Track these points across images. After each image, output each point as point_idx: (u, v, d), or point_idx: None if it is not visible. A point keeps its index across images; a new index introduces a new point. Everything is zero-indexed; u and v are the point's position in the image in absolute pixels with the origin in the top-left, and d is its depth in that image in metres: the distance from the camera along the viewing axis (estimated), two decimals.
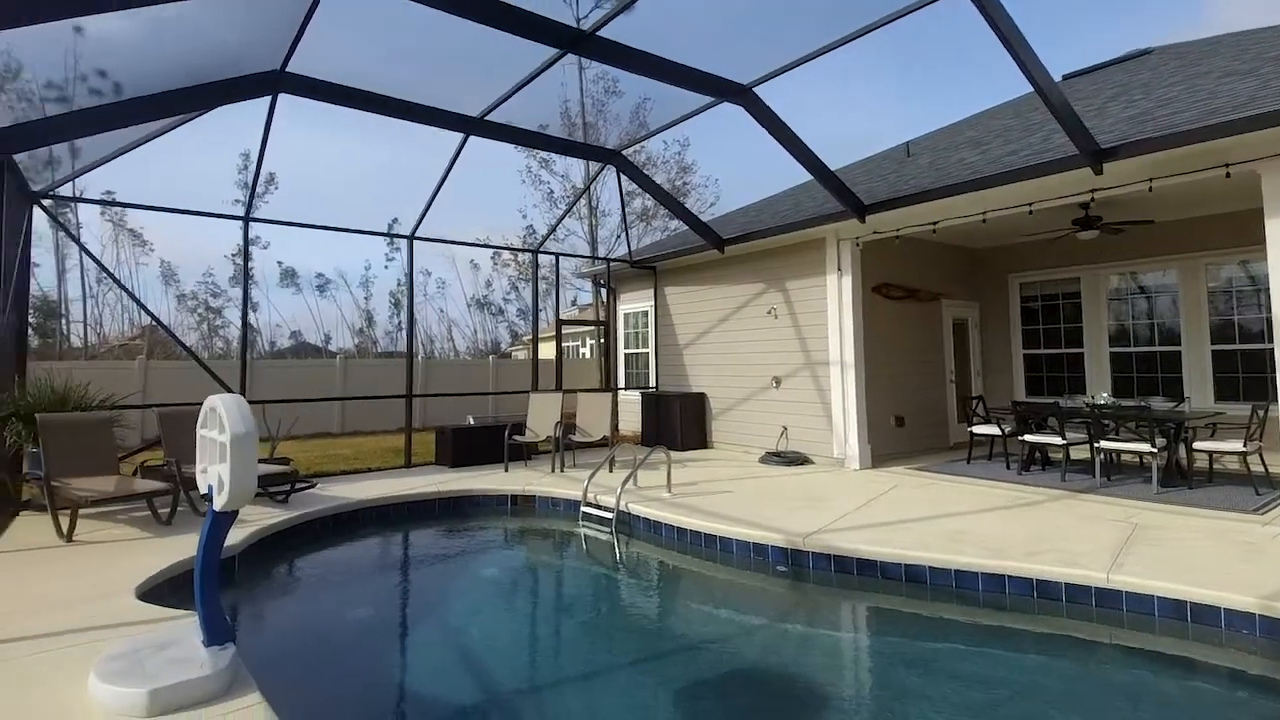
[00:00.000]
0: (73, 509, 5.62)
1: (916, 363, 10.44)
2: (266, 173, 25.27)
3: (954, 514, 6.13)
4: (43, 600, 4.08)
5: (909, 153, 10.67)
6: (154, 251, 29.14)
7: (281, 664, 4.06)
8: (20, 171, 6.20)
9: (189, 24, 5.58)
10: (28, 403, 6.58)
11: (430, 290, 37.33)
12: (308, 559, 6.13)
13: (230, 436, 3.06)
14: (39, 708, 2.79)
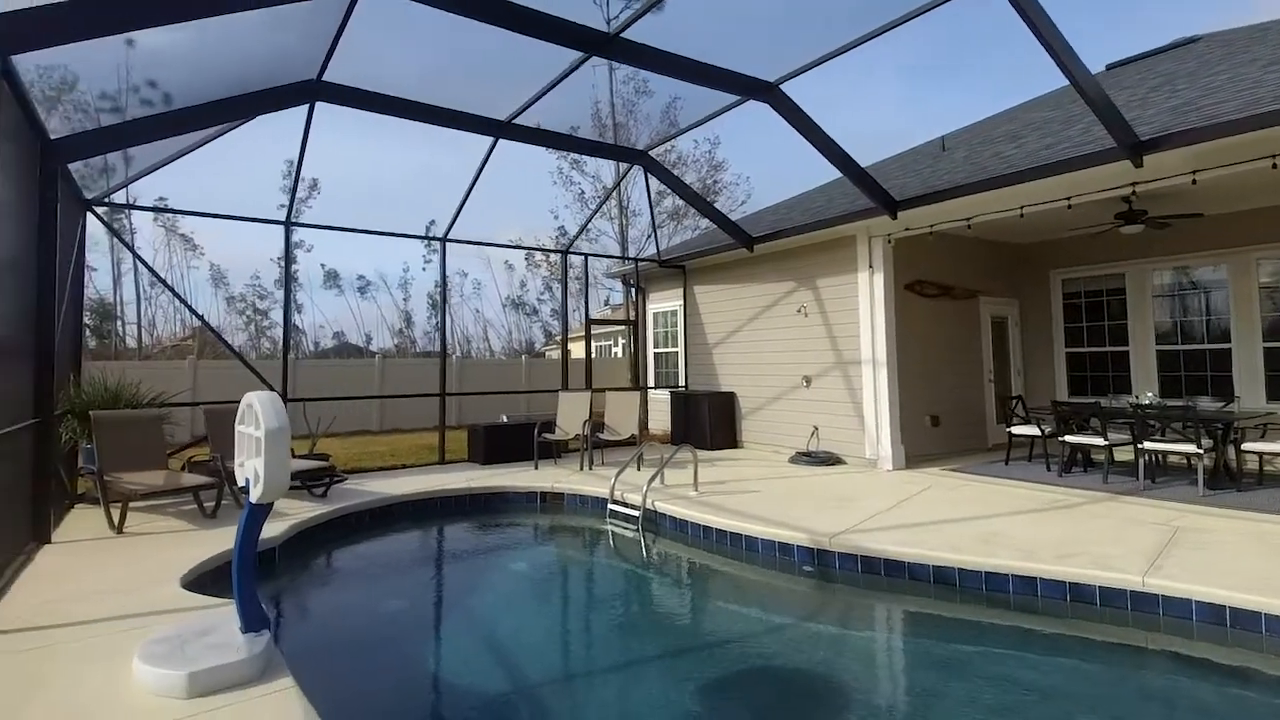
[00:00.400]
0: (123, 502, 5.89)
1: (952, 362, 10.24)
2: (310, 178, 26.07)
3: (987, 516, 6.02)
4: (94, 588, 4.30)
5: (944, 147, 10.47)
6: (204, 255, 30.24)
7: (318, 650, 4.22)
8: (74, 180, 6.50)
9: (232, 36, 5.79)
10: (82, 400, 6.91)
11: (466, 291, 37.93)
12: (344, 551, 6.32)
13: (264, 431, 3.19)
14: (88, 687, 2.95)
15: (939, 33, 35.75)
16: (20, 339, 5.26)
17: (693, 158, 20.71)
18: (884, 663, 4.17)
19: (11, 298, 4.89)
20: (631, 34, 5.80)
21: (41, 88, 7.44)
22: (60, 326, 6.11)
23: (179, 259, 29.40)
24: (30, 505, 5.31)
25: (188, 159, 7.34)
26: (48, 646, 3.36)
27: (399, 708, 3.54)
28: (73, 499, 6.95)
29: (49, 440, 5.58)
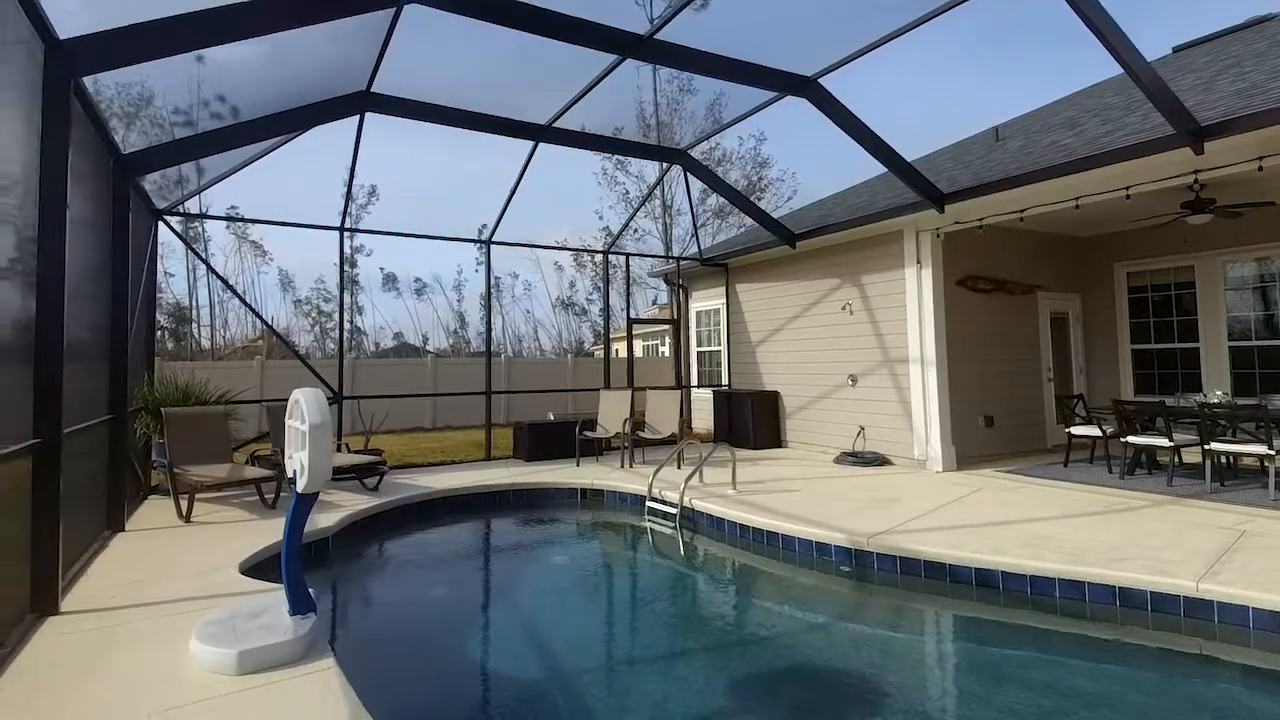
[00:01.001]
0: (190, 493, 6.27)
1: (1008, 360, 9.90)
2: (369, 184, 27.04)
3: (1038, 518, 5.82)
4: (160, 573, 4.60)
5: (998, 136, 10.13)
6: (273, 261, 31.67)
7: (365, 632, 4.43)
8: (145, 192, 6.94)
9: (292, 50, 6.08)
10: (155, 398, 7.37)
11: (517, 292, 38.65)
12: (393, 541, 6.57)
13: (309, 426, 3.37)
14: (148, 663, 3.17)
15: (996, 17, 34.34)
16: (97, 342, 5.67)
17: (737, 155, 20.60)
18: (919, 665, 4.09)
19: (90, 304, 5.28)
20: (666, 34, 5.83)
21: (121, 104, 7.98)
22: (134, 329, 6.54)
23: (249, 264, 30.93)
24: (106, 495, 5.71)
25: (258, 169, 7.75)
26: (114, 626, 3.63)
27: (439, 687, 3.69)
28: (147, 490, 7.42)
29: (123, 435, 5.98)
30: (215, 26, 4.22)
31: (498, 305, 36.33)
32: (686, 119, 10.43)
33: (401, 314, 48.52)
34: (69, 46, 3.74)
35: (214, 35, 4.35)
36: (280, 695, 2.86)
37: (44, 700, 2.80)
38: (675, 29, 5.81)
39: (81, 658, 3.22)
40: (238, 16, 4.21)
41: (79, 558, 4.79)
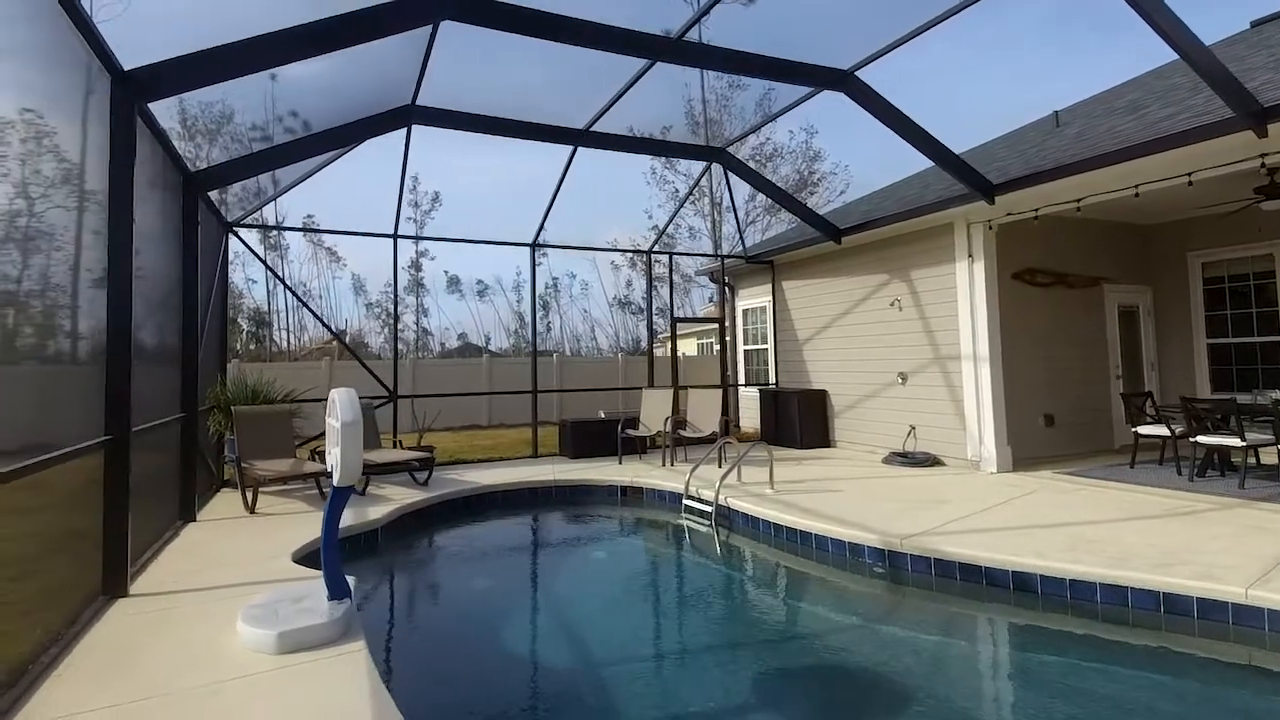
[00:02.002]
0: (255, 486, 6.71)
1: (1070, 356, 9.47)
2: (432, 191, 28.02)
3: (1089, 521, 5.58)
4: (221, 560, 4.97)
5: (1057, 122, 9.68)
6: (346, 266, 33.06)
7: (405, 618, 4.67)
8: (215, 206, 7.45)
9: (362, 63, 6.38)
10: (226, 397, 7.91)
11: (575, 292, 39.15)
12: (438, 533, 6.88)
13: (341, 424, 3.60)
14: (199, 641, 3.46)
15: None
16: (170, 346, 6.16)
17: (788, 149, 20.29)
18: (942, 668, 4.01)
19: (163, 311, 5.74)
20: (695, 35, 5.87)
21: (204, 121, 8.57)
22: (205, 334, 7.05)
23: (325, 270, 32.46)
24: (179, 488, 6.19)
25: (330, 181, 8.23)
26: (174, 608, 3.96)
27: (470, 669, 3.87)
28: (220, 483, 7.97)
29: (194, 432, 6.45)
30: (261, 53, 4.53)
31: (556, 305, 36.93)
32: (736, 115, 10.40)
33: (465, 315, 49.79)
34: (133, 76, 4.10)
35: (260, 61, 4.66)
36: (311, 674, 3.08)
37: (105, 673, 3.11)
38: (705, 28, 5.86)
39: (142, 636, 3.54)
40: (280, 43, 4.52)
41: (151, 545, 5.22)
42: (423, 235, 21.52)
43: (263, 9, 4.65)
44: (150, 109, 4.68)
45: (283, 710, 2.77)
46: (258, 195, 9.24)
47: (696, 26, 5.79)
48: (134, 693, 2.90)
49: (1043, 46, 38.53)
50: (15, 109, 3.98)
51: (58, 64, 3.60)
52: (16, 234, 4.62)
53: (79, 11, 3.44)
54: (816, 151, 20.26)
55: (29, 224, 4.61)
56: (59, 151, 4.65)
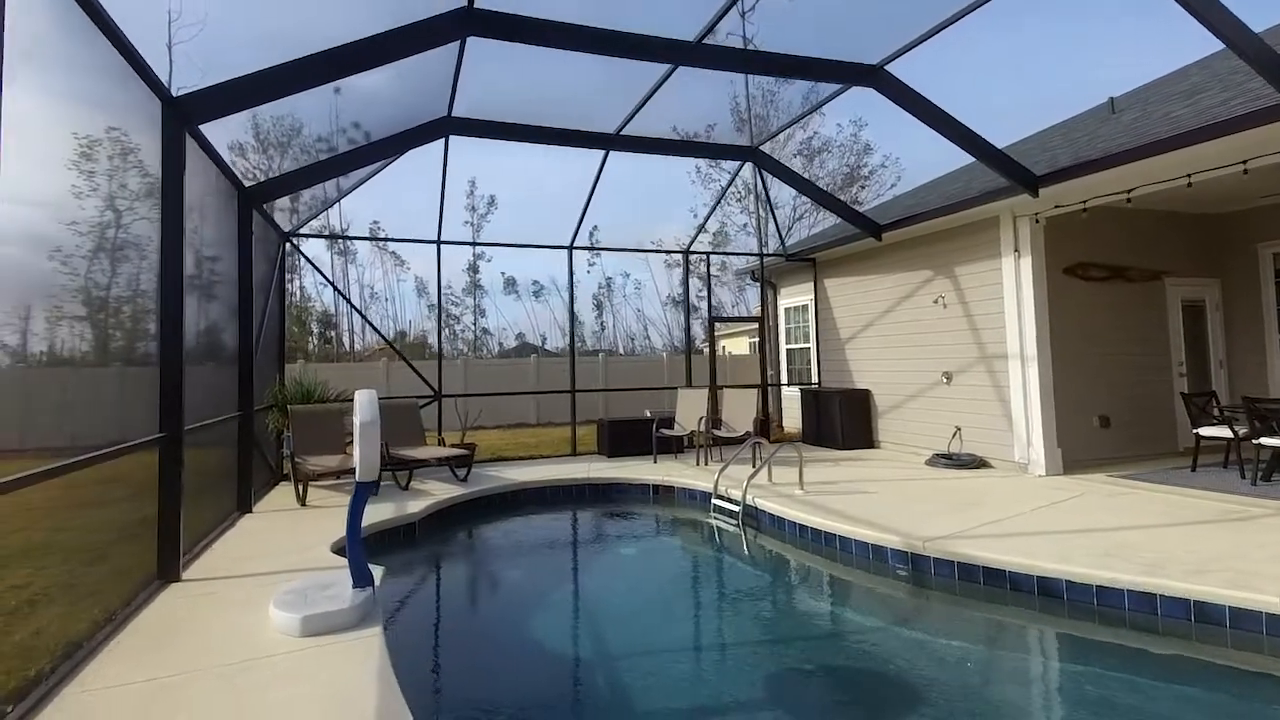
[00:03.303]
0: (306, 480, 7.13)
1: (1128, 354, 9.02)
2: (489, 194, 28.78)
3: (1130, 527, 5.35)
4: (267, 549, 5.33)
5: (1113, 109, 9.22)
6: (409, 269, 34.27)
7: (432, 605, 4.91)
8: (270, 216, 7.92)
9: (393, 82, 6.72)
10: (284, 396, 8.41)
11: (628, 291, 39.35)
12: (472, 527, 7.16)
13: (359, 424, 3.84)
14: (235, 624, 3.75)
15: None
16: (231, 349, 6.62)
17: (837, 143, 19.87)
18: (958, 674, 3.94)
19: (226, 318, 6.19)
20: (717, 37, 5.91)
21: (275, 134, 9.11)
22: (261, 337, 7.52)
23: (390, 272, 33.71)
24: (236, 481, 6.64)
25: (394, 187, 8.58)
26: (218, 593, 4.29)
27: (489, 653, 4.06)
28: (278, 477, 8.48)
29: (250, 429, 6.90)
30: (298, 75, 4.84)
31: (609, 304, 37.28)
32: (783, 109, 10.33)
33: (521, 315, 50.80)
34: (182, 101, 4.46)
35: (298, 82, 4.97)
36: (328, 655, 3.32)
37: (150, 650, 3.42)
38: (749, 24, 5.88)
39: (185, 618, 3.87)
40: (315, 66, 4.81)
41: (208, 534, 5.64)
42: (462, 240, 22.14)
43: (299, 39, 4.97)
44: (205, 131, 5.06)
45: (297, 687, 3.00)
46: (324, 204, 9.78)
47: (735, 27, 5.84)
48: (172, 668, 3.19)
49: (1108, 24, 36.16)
50: (103, 127, 4.40)
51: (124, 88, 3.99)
52: (106, 244, 5.10)
53: (129, 48, 3.78)
54: (866, 144, 19.79)
55: (117, 235, 5.06)
56: (144, 167, 5.10)
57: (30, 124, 3.99)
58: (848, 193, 19.66)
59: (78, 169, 5.11)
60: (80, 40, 3.50)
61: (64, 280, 6.33)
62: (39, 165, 4.21)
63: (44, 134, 4.05)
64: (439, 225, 9.35)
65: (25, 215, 4.66)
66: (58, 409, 8.05)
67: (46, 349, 7.07)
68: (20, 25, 2.93)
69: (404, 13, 5.11)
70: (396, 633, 4.34)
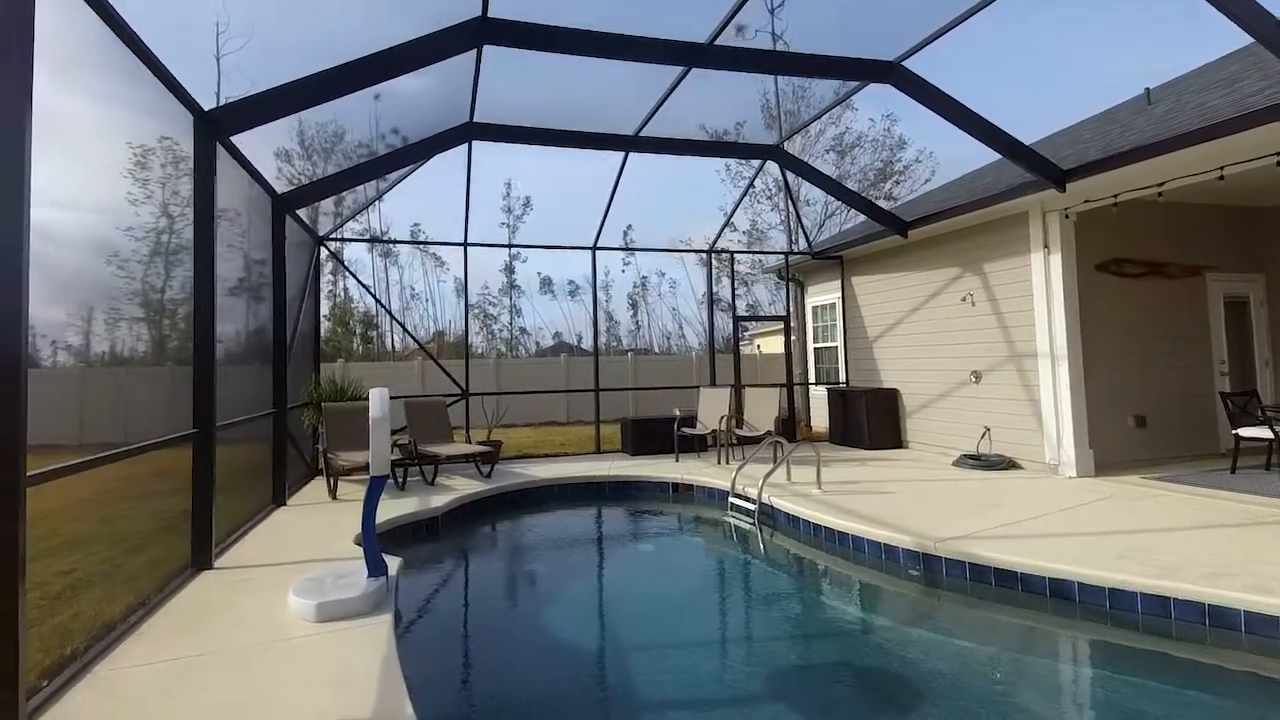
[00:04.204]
0: (337, 475, 7.41)
1: (1166, 352, 8.73)
2: (524, 195, 29.21)
3: (1155, 529, 5.23)
4: (297, 539, 5.58)
5: (1149, 99, 8.93)
6: (449, 270, 34.96)
7: (446, 595, 5.09)
8: (305, 221, 8.24)
9: (425, 89, 6.93)
10: (318, 395, 8.74)
11: (663, 290, 39.42)
12: (493, 522, 7.36)
13: (372, 420, 4.01)
14: (257, 609, 3.96)
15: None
16: (264, 349, 6.92)
17: (869, 138, 19.55)
18: (963, 675, 3.92)
19: (261, 319, 6.48)
20: (729, 39, 5.95)
21: (320, 141, 9.43)
22: (296, 337, 7.84)
23: (431, 274, 34.46)
24: (271, 476, 6.94)
25: (434, 190, 8.82)
26: (245, 580, 4.53)
27: (498, 642, 4.20)
28: (314, 472, 8.81)
29: (284, 426, 7.20)
30: (324, 87, 5.06)
31: (644, 303, 37.43)
32: (815, 104, 10.28)
33: (558, 315, 51.34)
34: (213, 115, 4.71)
35: (324, 94, 5.19)
36: (337, 639, 3.49)
37: (177, 632, 3.65)
38: (756, 25, 5.92)
39: (213, 603, 4.10)
40: (337, 78, 5.02)
41: (243, 525, 5.92)
42: (489, 242, 22.48)
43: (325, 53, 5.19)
44: (247, 140, 5.33)
45: (307, 667, 3.18)
46: (355, 209, 10.12)
47: (764, 23, 5.88)
48: (195, 649, 3.40)
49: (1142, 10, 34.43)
50: (155, 136, 4.70)
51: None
52: (160, 249, 5.42)
53: (160, 67, 4.02)
54: (900, 138, 19.43)
55: (170, 240, 5.38)
56: (191, 175, 5.39)
57: (86, 131, 4.32)
58: (881, 188, 19.36)
59: (132, 177, 5.44)
60: (115, 59, 3.74)
61: (121, 283, 6.72)
62: (101, 172, 4.56)
63: (102, 142, 4.39)
64: (465, 228, 9.58)
65: (88, 221, 5.05)
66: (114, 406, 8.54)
67: (108, 349, 7.51)
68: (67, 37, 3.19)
69: (432, 22, 5.28)
70: (407, 620, 4.52)
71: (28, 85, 2.55)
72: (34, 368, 8.12)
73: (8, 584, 2.44)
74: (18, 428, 2.48)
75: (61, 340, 10.25)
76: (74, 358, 8.80)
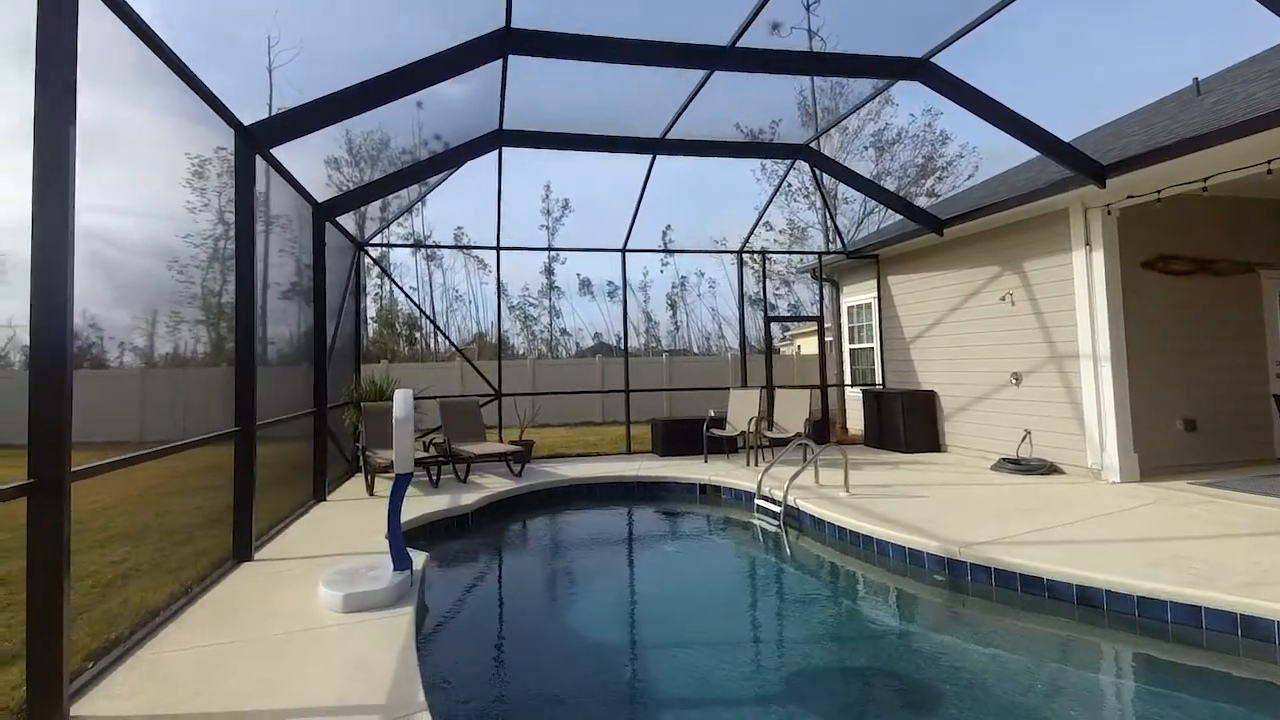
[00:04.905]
0: (375, 472, 7.67)
1: (1217, 353, 8.35)
2: (563, 198, 29.56)
3: (1195, 536, 5.04)
4: (333, 534, 5.81)
5: (1198, 90, 8.56)
6: (491, 272, 35.62)
7: (469, 589, 5.25)
8: (343, 227, 8.55)
9: (466, 96, 7.13)
10: (358, 395, 9.05)
11: (702, 290, 39.37)
12: (521, 519, 7.52)
13: (395, 420, 4.17)
14: (289, 600, 4.16)
15: None
16: (306, 351, 7.22)
17: (909, 133, 19.12)
18: (981, 682, 3.87)
19: (305, 322, 6.77)
20: (752, 40, 5.96)
21: (366, 148, 9.76)
22: (336, 339, 8.14)
23: (474, 277, 35.16)
24: (312, 472, 7.23)
25: (476, 195, 9.01)
26: (281, 572, 4.75)
27: (511, 636, 4.32)
28: (354, 469, 9.13)
29: (324, 424, 7.49)
30: (353, 101, 5.27)
31: (683, 304, 37.42)
32: (853, 99, 10.19)
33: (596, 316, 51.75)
34: (251, 129, 4.96)
35: (357, 107, 5.41)
36: (361, 628, 3.65)
37: (213, 621, 3.86)
38: (792, 21, 5.92)
39: (249, 593, 4.32)
40: (370, 92, 5.23)
41: (284, 519, 6.20)
42: (520, 246, 22.78)
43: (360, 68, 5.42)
44: (292, 150, 5.60)
45: (330, 655, 3.34)
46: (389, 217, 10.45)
47: (800, 19, 5.88)
48: (229, 636, 3.60)
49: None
50: (212, 147, 4.99)
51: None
52: (217, 255, 5.74)
53: (201, 87, 4.27)
54: (942, 133, 18.95)
55: (225, 246, 5.68)
56: None
57: (151, 142, 4.63)
58: (922, 185, 18.94)
59: (190, 186, 5.77)
60: (159, 78, 3.99)
61: (180, 288, 7.11)
62: (163, 181, 4.88)
63: (164, 152, 4.70)
64: (497, 233, 9.78)
65: (152, 228, 5.39)
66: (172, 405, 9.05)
67: (170, 350, 7.98)
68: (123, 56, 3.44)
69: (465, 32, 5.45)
70: (429, 612, 4.67)
71: (72, 107, 2.77)
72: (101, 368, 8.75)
73: (54, 572, 2.64)
74: (64, 427, 2.68)
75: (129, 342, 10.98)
76: (139, 358, 9.40)
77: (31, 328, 2.59)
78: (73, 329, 2.74)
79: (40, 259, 2.62)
